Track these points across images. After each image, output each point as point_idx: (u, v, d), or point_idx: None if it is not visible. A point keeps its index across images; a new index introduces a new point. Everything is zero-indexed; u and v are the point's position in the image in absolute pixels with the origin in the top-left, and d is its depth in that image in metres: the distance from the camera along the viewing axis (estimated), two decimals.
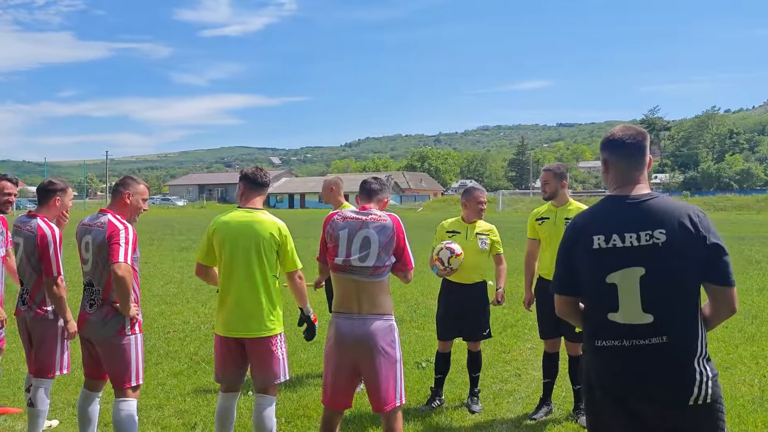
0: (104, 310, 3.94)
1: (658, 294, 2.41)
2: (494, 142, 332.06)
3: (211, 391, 5.69)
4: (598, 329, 2.53)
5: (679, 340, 2.41)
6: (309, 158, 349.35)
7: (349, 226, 3.65)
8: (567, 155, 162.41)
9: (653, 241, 2.41)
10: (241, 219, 3.95)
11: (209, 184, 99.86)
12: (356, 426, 4.83)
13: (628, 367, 2.44)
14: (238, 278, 3.91)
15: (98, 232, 3.95)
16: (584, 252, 2.53)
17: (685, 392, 2.38)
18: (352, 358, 3.59)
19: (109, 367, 3.99)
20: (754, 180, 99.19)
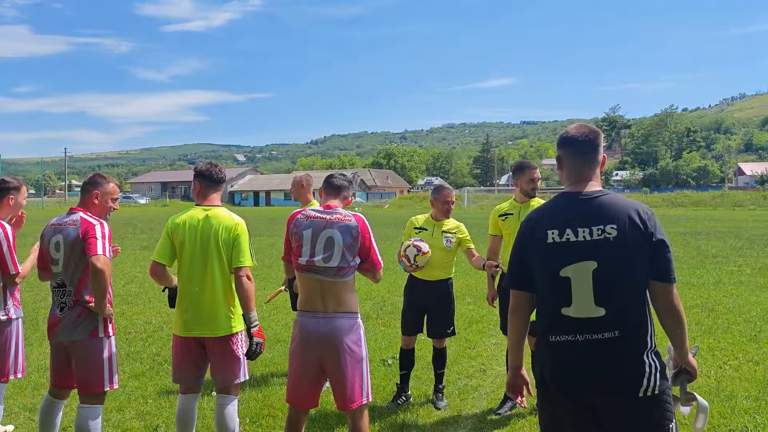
0: (76, 311, 3.81)
1: (609, 288, 2.48)
2: (459, 139, 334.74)
3: (173, 393, 5.58)
4: (551, 325, 2.57)
5: (630, 335, 2.48)
6: (274, 155, 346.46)
7: (313, 226, 3.60)
8: (531, 153, 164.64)
9: (605, 236, 2.48)
10: (200, 217, 3.87)
11: (172, 182, 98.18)
12: (322, 425, 4.81)
13: (582, 362, 2.50)
14: (197, 277, 3.82)
15: (70, 229, 3.83)
16: (538, 246, 2.59)
17: (636, 384, 2.45)
18: (318, 356, 3.56)
19: (80, 370, 3.83)
20: (710, 177, 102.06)
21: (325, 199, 3.84)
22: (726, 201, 54.48)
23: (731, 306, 9.41)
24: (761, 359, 6.50)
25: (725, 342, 7.25)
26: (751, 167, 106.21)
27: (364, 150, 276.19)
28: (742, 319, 8.49)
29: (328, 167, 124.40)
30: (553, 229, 2.55)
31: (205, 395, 5.15)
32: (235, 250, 3.81)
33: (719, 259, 15.42)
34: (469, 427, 4.80)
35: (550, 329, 2.57)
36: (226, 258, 3.82)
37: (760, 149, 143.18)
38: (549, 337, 2.57)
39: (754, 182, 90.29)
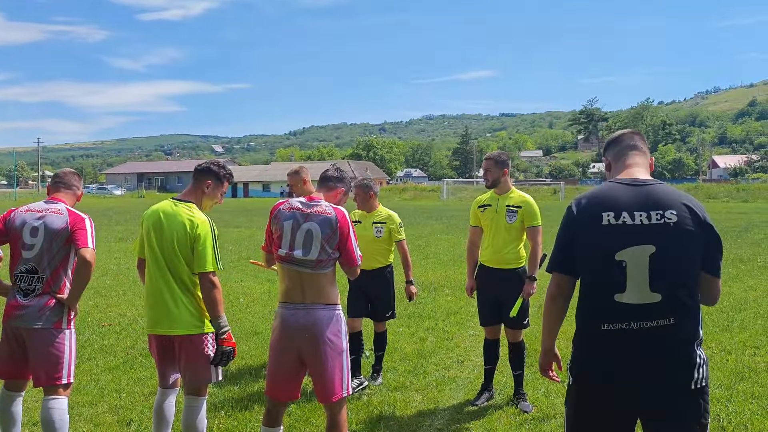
0: (44, 299, 3.73)
1: (666, 274, 2.43)
2: (439, 131, 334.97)
3: (148, 386, 5.51)
4: (602, 312, 2.48)
5: (684, 323, 2.45)
6: (252, 146, 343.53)
7: (294, 218, 3.58)
8: (510, 144, 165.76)
9: (665, 221, 2.44)
10: (166, 211, 3.74)
11: (148, 173, 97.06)
12: (298, 417, 4.78)
13: (635, 351, 2.43)
14: (159, 273, 3.70)
15: (55, 217, 3.78)
16: (591, 229, 2.50)
17: (689, 375, 2.43)
18: (298, 347, 3.53)
19: (39, 361, 3.73)
20: (685, 169, 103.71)
21: (316, 191, 3.85)
22: (700, 193, 55.33)
23: None
24: (733, 349, 6.61)
25: None
26: (725, 160, 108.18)
27: (343, 141, 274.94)
28: (715, 309, 8.61)
29: (306, 158, 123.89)
30: (608, 211, 2.47)
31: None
32: (196, 254, 3.63)
33: None
34: (447, 419, 4.81)
35: (602, 316, 2.48)
36: (184, 260, 3.65)
37: (733, 142, 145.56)
38: (601, 325, 2.47)
39: (727, 175, 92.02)
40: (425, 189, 69.03)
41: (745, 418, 4.68)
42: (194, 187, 3.84)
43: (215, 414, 4.85)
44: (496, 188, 5.10)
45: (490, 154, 5.18)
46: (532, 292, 4.92)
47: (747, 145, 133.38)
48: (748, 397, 5.11)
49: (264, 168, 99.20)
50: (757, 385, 5.41)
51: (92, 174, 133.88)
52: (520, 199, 5.03)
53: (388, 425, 4.67)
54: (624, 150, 2.70)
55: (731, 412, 4.78)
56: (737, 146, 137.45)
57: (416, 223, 25.37)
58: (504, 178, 5.08)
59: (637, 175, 2.59)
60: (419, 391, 5.40)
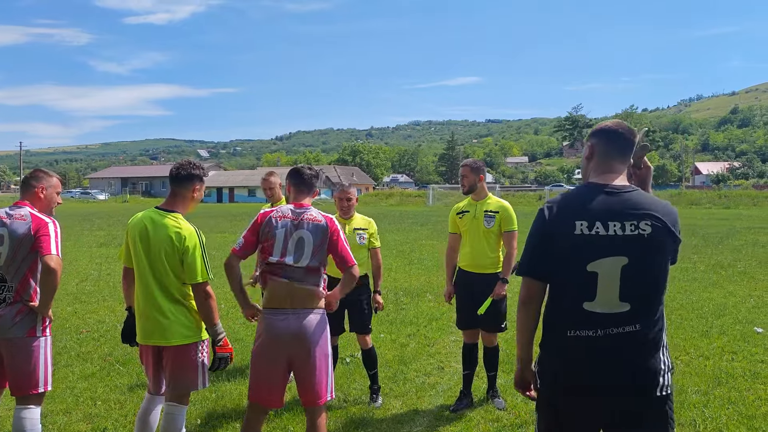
0: (16, 308, 3.67)
1: (637, 284, 2.41)
2: (425, 137, 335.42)
3: (124, 394, 5.44)
4: (570, 319, 2.46)
5: (649, 329, 2.44)
6: (239, 151, 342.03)
7: (287, 226, 3.61)
8: (495, 151, 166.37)
9: (639, 232, 2.40)
10: (151, 221, 3.67)
11: (133, 177, 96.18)
12: (276, 425, 4.73)
13: (601, 357, 2.42)
14: (145, 283, 3.65)
15: (19, 224, 3.70)
16: (563, 237, 2.45)
17: (654, 382, 2.43)
18: (288, 354, 3.54)
19: (14, 370, 3.68)
20: (668, 176, 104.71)
21: (295, 196, 3.79)
22: (683, 199, 55.85)
23: (684, 302, 9.62)
24: (711, 354, 6.65)
25: (678, 338, 7.40)
26: (708, 167, 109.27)
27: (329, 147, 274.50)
28: (694, 315, 8.69)
29: (293, 163, 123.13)
30: (582, 220, 2.42)
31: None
32: (186, 266, 3.59)
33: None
34: (425, 425, 4.79)
35: (569, 324, 2.46)
36: (172, 272, 3.60)
37: (716, 149, 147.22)
38: (567, 331, 2.46)
39: (710, 181, 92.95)
40: (411, 194, 69.02)
41: (721, 423, 4.70)
42: (180, 195, 3.73)
43: (192, 421, 4.79)
44: (473, 194, 5.14)
45: (466, 161, 5.22)
46: (502, 293, 4.97)
47: (729, 152, 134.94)
48: (724, 403, 5.14)
49: (250, 173, 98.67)
50: (733, 391, 5.44)
51: (76, 178, 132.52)
52: (498, 204, 5.08)
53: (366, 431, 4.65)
54: (611, 152, 2.58)
55: (707, 418, 4.80)
56: (720, 153, 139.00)
57: (402, 228, 25.36)
58: (480, 184, 5.13)
59: (615, 182, 2.51)
60: (399, 398, 5.38)
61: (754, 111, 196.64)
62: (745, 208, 44.48)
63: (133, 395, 5.41)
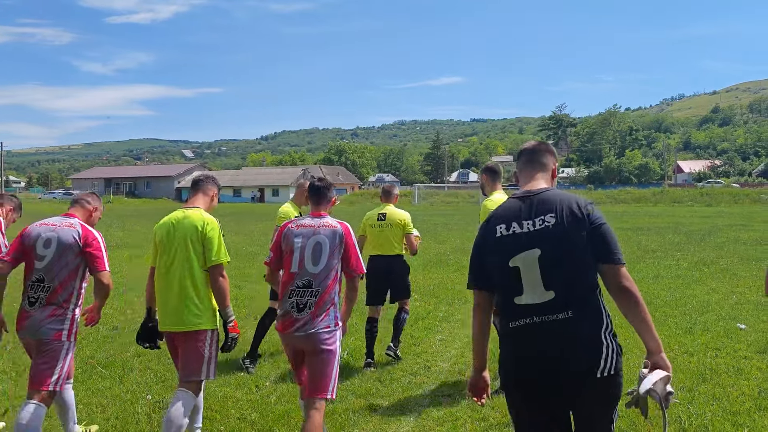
0: (48, 310, 3.95)
1: (555, 271, 2.58)
2: (411, 136, 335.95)
3: (106, 397, 5.36)
4: (509, 312, 2.66)
5: (583, 314, 2.56)
6: (224, 151, 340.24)
7: (304, 234, 3.95)
8: (480, 150, 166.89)
9: (545, 225, 2.63)
10: (177, 218, 4.14)
11: (116, 178, 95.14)
12: (261, 427, 4.68)
13: (540, 342, 2.57)
14: (166, 273, 4.04)
15: (67, 231, 4.07)
16: (488, 242, 2.74)
17: (594, 364, 2.51)
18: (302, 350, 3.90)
19: (35, 367, 3.97)
20: (651, 174, 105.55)
21: (313, 206, 4.17)
22: (665, 197, 56.40)
23: (668, 299, 9.70)
24: (695, 350, 6.69)
25: (662, 334, 7.43)
26: (690, 165, 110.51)
27: (315, 146, 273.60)
28: (678, 311, 8.75)
29: (278, 163, 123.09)
30: (502, 224, 2.71)
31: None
32: (207, 248, 4.02)
33: (658, 253, 15.91)
34: (412, 424, 4.76)
35: (509, 316, 2.66)
36: (195, 255, 4.02)
37: (697, 148, 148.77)
38: (509, 323, 2.66)
39: (692, 179, 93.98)
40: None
41: (705, 420, 4.73)
42: (201, 195, 4.31)
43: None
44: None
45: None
46: None
47: (710, 151, 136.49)
48: (709, 399, 5.17)
49: (235, 173, 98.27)
50: (718, 387, 5.48)
51: (58, 179, 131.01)
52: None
53: None
54: (524, 165, 2.92)
55: (692, 414, 4.83)
56: (701, 152, 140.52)
57: None
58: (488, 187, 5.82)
59: (532, 187, 2.80)
60: (385, 398, 5.35)
61: (734, 110, 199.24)
62: (726, 206, 45.01)
63: (115, 399, 5.33)
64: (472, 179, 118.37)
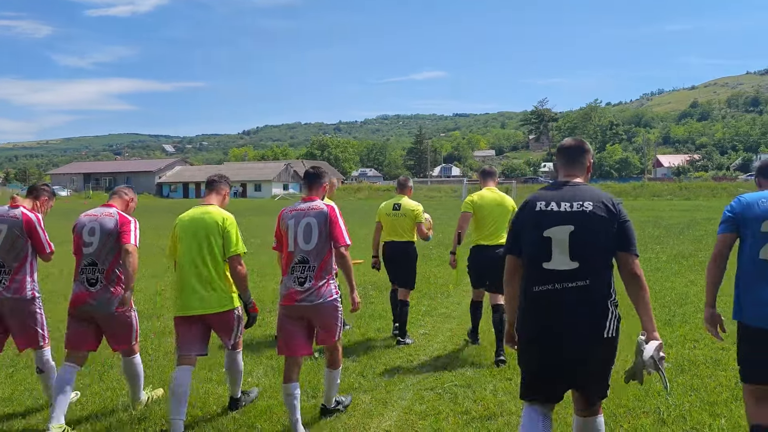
0: (109, 289, 4.60)
1: (582, 247, 3.15)
2: (393, 131, 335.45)
3: (86, 395, 5.30)
4: (535, 277, 3.22)
5: (596, 284, 3.14)
6: (205, 146, 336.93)
7: (295, 216, 4.54)
8: (463, 144, 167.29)
9: (582, 209, 3.20)
10: (195, 214, 4.70)
11: (96, 173, 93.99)
12: (243, 423, 4.67)
13: (559, 305, 3.14)
14: (192, 263, 4.56)
15: (107, 219, 4.69)
16: (528, 215, 3.30)
17: (601, 326, 3.12)
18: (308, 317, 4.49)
19: (113, 336, 4.71)
20: (631, 168, 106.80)
21: (306, 192, 4.79)
22: (645, 191, 57.08)
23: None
24: (674, 342, 6.78)
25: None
26: (669, 159, 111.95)
27: (297, 141, 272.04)
28: (657, 304, 8.85)
29: (260, 158, 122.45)
30: (542, 201, 3.28)
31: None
32: (226, 241, 4.58)
33: (639, 247, 16.06)
34: (394, 419, 4.77)
35: (534, 281, 3.21)
36: (217, 248, 4.57)
37: (676, 142, 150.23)
38: (533, 287, 3.21)
39: (671, 173, 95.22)
40: (380, 189, 69.15)
41: (684, 410, 4.79)
42: (215, 194, 4.91)
43: (157, 421, 4.69)
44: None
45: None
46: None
47: (689, 145, 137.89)
48: (687, 390, 5.25)
49: (217, 168, 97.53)
50: (696, 378, 5.56)
51: (36, 174, 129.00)
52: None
53: (334, 427, 4.62)
54: (564, 161, 3.49)
55: (671, 405, 4.89)
56: (680, 146, 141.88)
57: (371, 222, 25.28)
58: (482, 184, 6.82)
59: (570, 179, 3.41)
60: (368, 392, 5.35)
61: (712, 105, 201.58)
62: (704, 200, 45.63)
63: (94, 396, 5.28)
64: (454, 174, 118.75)
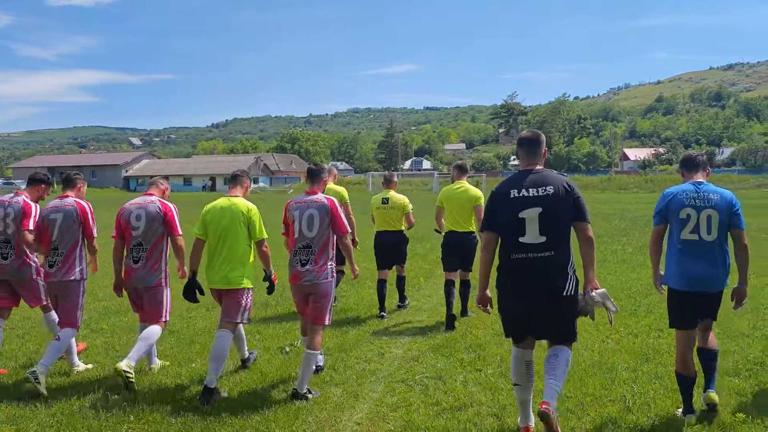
0: (148, 264, 5.48)
1: (548, 224, 4.03)
2: (364, 124, 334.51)
3: (51, 393, 5.19)
4: (510, 249, 4.12)
5: (559, 255, 4.05)
6: (173, 139, 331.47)
7: (300, 208, 5.31)
8: (434, 138, 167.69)
9: (546, 193, 4.06)
10: (224, 204, 5.40)
11: (60, 167, 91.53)
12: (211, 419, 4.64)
13: (530, 269, 4.06)
14: (219, 247, 5.29)
15: (151, 207, 5.56)
16: (504, 200, 4.13)
17: (562, 287, 4.05)
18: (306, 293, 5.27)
19: (149, 307, 5.55)
20: (598, 162, 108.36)
21: (309, 186, 5.56)
22: (612, 184, 58.08)
23: (614, 283, 10.00)
24: (639, 332, 6.93)
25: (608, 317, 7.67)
26: (635, 153, 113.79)
27: (267, 134, 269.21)
28: (624, 294, 9.03)
29: (230, 151, 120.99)
30: (515, 189, 4.11)
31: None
32: (252, 228, 5.36)
33: (605, 239, 16.36)
34: (366, 412, 4.79)
35: (512, 250, 4.10)
36: (241, 234, 5.30)
37: (642, 136, 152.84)
38: (511, 255, 4.11)
39: (637, 167, 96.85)
40: (351, 182, 68.95)
41: (648, 398, 4.91)
42: (239, 186, 5.59)
43: (124, 419, 4.63)
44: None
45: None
46: None
47: (655, 139, 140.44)
48: (652, 378, 5.37)
49: (185, 161, 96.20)
50: (660, 366, 5.69)
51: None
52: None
53: (305, 421, 4.61)
54: (525, 150, 4.32)
55: (636, 393, 5.00)
56: (646, 140, 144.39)
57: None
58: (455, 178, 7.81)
59: (532, 167, 4.24)
60: (339, 385, 5.36)
61: (677, 99, 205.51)
62: None
63: (59, 394, 5.17)
64: (425, 167, 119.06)
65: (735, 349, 6.12)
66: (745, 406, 4.66)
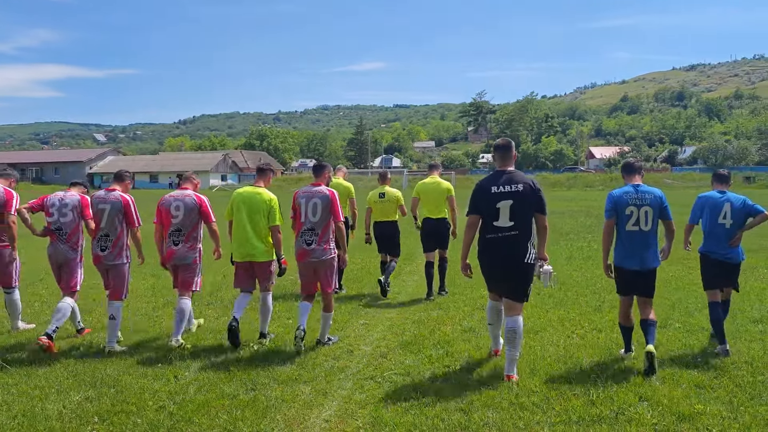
0: (186, 246, 6.56)
1: (516, 213, 5.30)
2: (334, 121, 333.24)
3: (12, 394, 5.07)
4: (488, 230, 5.38)
5: (522, 234, 5.32)
6: (139, 135, 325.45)
7: (306, 197, 6.46)
8: (403, 135, 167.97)
9: (516, 189, 5.32)
10: (251, 191, 6.68)
11: (21, 163, 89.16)
12: (180, 417, 4.59)
13: (500, 245, 5.35)
14: (245, 227, 6.52)
15: (188, 199, 6.64)
16: (486, 194, 5.36)
17: (523, 256, 5.32)
18: (314, 266, 6.45)
19: (184, 280, 6.61)
20: (565, 160, 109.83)
21: (314, 179, 6.68)
22: (578, 182, 58.94)
23: (580, 279, 10.17)
24: (604, 327, 7.07)
25: (573, 313, 7.82)
26: (601, 151, 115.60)
27: (236, 131, 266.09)
28: (589, 291, 9.20)
29: (197, 148, 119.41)
30: (495, 185, 5.35)
31: None
32: (270, 215, 6.53)
33: (571, 236, 16.63)
34: (334, 409, 4.79)
35: (487, 232, 5.38)
36: (263, 218, 6.52)
37: (608, 135, 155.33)
38: (486, 235, 5.40)
39: (603, 165, 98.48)
40: None
41: (612, 392, 5.01)
42: (263, 179, 6.84)
43: (89, 420, 4.56)
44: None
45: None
46: None
47: (620, 138, 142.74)
48: (615, 372, 5.49)
49: (151, 158, 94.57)
50: (623, 361, 5.81)
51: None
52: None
53: (273, 419, 4.59)
54: (500, 154, 5.54)
55: (599, 387, 5.11)
56: (611, 138, 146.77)
57: None
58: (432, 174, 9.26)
59: (506, 168, 5.49)
60: (308, 383, 5.35)
61: (641, 99, 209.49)
62: None
63: (22, 396, 5.06)
64: (395, 164, 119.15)
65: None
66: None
